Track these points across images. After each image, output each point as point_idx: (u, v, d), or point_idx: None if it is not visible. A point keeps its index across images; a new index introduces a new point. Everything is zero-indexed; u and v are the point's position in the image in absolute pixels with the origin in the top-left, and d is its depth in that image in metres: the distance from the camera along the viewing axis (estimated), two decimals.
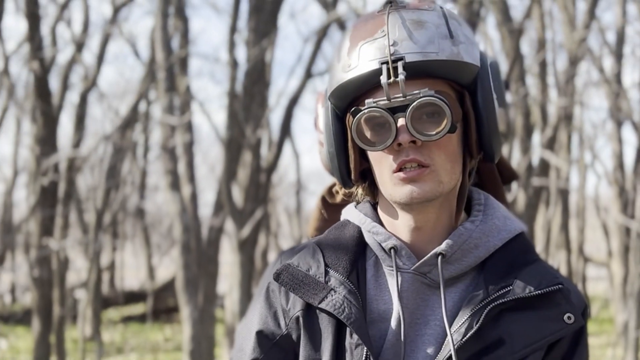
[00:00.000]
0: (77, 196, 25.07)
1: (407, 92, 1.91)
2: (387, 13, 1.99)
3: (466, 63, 1.99)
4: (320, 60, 25.96)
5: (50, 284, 18.91)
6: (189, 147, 14.44)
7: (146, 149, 32.70)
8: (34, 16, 18.95)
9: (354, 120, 1.97)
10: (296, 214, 32.78)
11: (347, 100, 2.06)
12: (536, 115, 24.98)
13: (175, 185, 14.03)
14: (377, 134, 1.98)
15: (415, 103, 1.91)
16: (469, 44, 2.02)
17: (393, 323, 2.02)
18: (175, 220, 13.98)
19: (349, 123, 2.02)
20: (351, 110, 2.00)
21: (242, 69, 16.60)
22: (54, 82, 21.46)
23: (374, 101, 1.94)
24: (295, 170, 31.84)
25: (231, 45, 16.03)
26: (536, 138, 24.59)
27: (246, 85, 16.51)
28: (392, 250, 2.02)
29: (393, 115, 1.93)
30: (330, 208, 2.43)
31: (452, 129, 1.93)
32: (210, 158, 39.15)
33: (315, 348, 2.04)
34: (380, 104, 1.94)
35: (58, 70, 22.65)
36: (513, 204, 25.38)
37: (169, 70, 14.08)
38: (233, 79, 15.57)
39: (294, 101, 18.22)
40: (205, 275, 17.02)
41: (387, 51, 1.93)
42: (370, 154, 2.05)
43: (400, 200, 1.98)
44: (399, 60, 1.92)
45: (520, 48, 22.68)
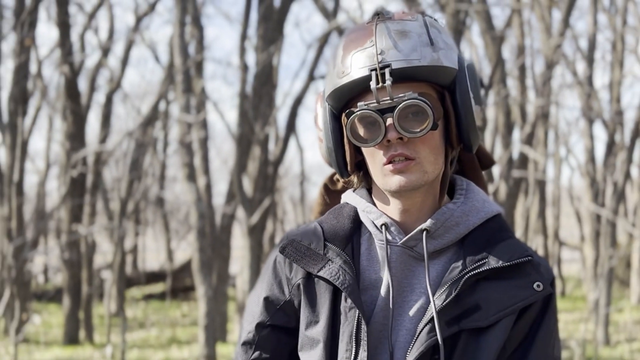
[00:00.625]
0: (103, 186, 25.01)
1: (394, 95, 1.99)
2: (375, 24, 2.07)
3: (445, 67, 2.06)
4: (322, 64, 25.85)
5: (79, 266, 18.90)
6: (204, 143, 14.39)
7: (165, 144, 32.63)
8: (64, 24, 18.93)
9: (348, 120, 2.05)
10: (300, 202, 32.73)
11: (342, 101, 2.12)
12: (516, 113, 24.95)
13: (191, 177, 13.99)
14: (369, 132, 2.05)
15: (401, 105, 1.98)
16: (447, 49, 2.09)
17: (383, 290, 2.10)
18: (192, 208, 13.95)
19: (344, 122, 2.10)
20: (345, 112, 2.08)
21: (252, 72, 16.58)
22: (83, 84, 21.46)
23: (365, 104, 2.02)
24: (299, 163, 31.75)
25: (242, 50, 16.00)
26: (516, 134, 24.60)
27: (255, 87, 16.48)
28: (383, 227, 2.11)
29: (382, 116, 2.01)
30: (332, 194, 2.49)
31: (434, 126, 2.01)
32: (223, 152, 39.12)
33: (314, 311, 2.14)
34: (370, 106, 2.01)
35: (86, 73, 22.63)
36: (495, 193, 25.33)
37: (186, 73, 14.04)
38: (243, 81, 15.54)
39: (298, 101, 18.22)
40: (219, 257, 17.01)
41: (376, 59, 2.00)
42: (363, 149, 2.12)
43: (391, 189, 2.06)
44: (386, 67, 1.99)
45: (501, 53, 22.62)
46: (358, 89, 2.07)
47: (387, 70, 1.99)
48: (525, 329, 2.09)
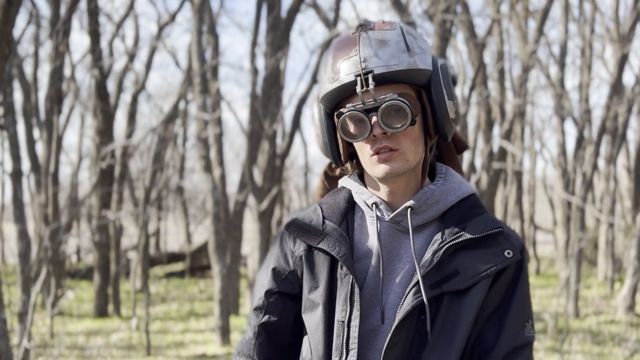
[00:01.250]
0: (129, 177, 24.99)
1: (377, 97, 2.14)
2: (359, 35, 2.19)
3: (421, 69, 2.18)
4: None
5: (108, 247, 18.90)
6: (219, 138, 14.38)
7: (184, 139, 32.63)
8: (94, 33, 18.90)
9: (339, 120, 2.19)
10: (304, 191, 32.67)
11: (334, 103, 2.25)
12: (496, 112, 24.84)
13: (207, 168, 13.98)
14: (358, 128, 2.18)
15: (383, 105, 2.12)
16: (422, 53, 2.21)
17: (374, 259, 2.24)
18: (208, 196, 13.94)
19: (336, 121, 2.22)
20: (336, 113, 2.22)
21: (261, 75, 16.56)
22: (111, 86, 21.44)
23: (353, 105, 2.16)
24: (303, 156, 31.78)
25: (252, 56, 15.97)
26: (496, 130, 24.51)
27: (264, 88, 16.45)
28: (374, 205, 2.26)
29: (368, 115, 2.15)
30: (330, 180, 2.65)
31: (412, 122, 2.15)
32: (235, 146, 39.09)
33: (314, 278, 2.28)
34: (357, 107, 2.15)
35: (114, 76, 22.59)
36: (478, 183, 25.27)
37: (202, 76, 14.02)
38: (254, 83, 15.51)
39: (302, 101, 18.18)
40: (232, 239, 16.99)
41: (360, 67, 2.13)
42: (354, 142, 2.24)
43: (378, 176, 2.21)
44: (369, 72, 2.12)
45: (483, 58, 22.54)
46: (347, 92, 2.19)
47: (370, 76, 2.12)
48: (503, 292, 2.21)
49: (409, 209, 2.21)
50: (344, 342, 2.19)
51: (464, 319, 2.14)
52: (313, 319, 2.28)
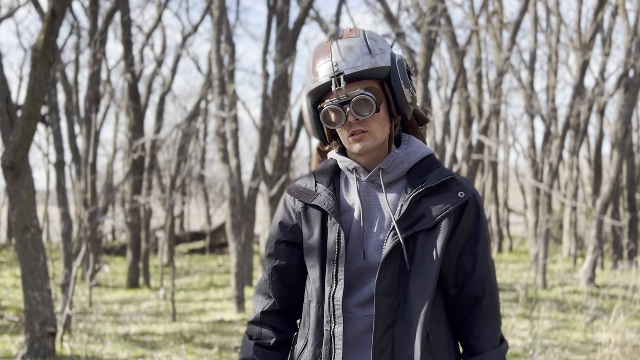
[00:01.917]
0: (157, 166, 25.00)
1: (348, 92, 2.40)
2: (331, 43, 2.45)
3: (381, 67, 2.43)
4: None
5: (138, 227, 18.89)
6: (235, 133, 14.35)
7: (205, 134, 32.58)
8: (127, 42, 18.86)
9: (321, 112, 2.46)
10: None
11: (317, 97, 2.51)
12: (474, 110, 24.81)
13: (225, 159, 13.95)
14: (336, 117, 2.44)
15: (354, 99, 2.39)
16: (382, 53, 2.46)
17: (356, 212, 2.49)
18: (225, 183, 13.92)
19: (320, 112, 2.48)
20: (318, 108, 2.51)
21: (271, 78, 16.52)
22: (142, 88, 21.41)
23: (330, 100, 2.44)
24: (308, 148, 31.63)
25: (264, 62, 15.93)
26: (474, 126, 24.50)
27: (274, 90, 16.42)
28: (354, 169, 2.53)
29: (342, 107, 2.42)
30: (322, 153, 2.79)
31: (377, 109, 2.41)
32: (249, 140, 39.06)
33: (310, 228, 2.53)
34: (334, 101, 2.42)
35: (144, 79, 22.59)
36: (458, 171, 25.18)
37: (221, 80, 13.99)
38: (265, 86, 15.48)
39: None
40: (246, 221, 16.98)
41: (332, 70, 2.39)
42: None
43: (354, 152, 2.48)
44: (340, 74, 2.39)
45: (463, 64, 22.50)
46: (325, 89, 2.45)
47: (342, 77, 2.38)
48: (470, 225, 2.47)
49: (380, 170, 2.48)
50: (334, 275, 2.45)
51: (435, 251, 2.39)
52: (311, 260, 2.53)
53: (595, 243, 17.06)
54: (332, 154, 2.62)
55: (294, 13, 18.15)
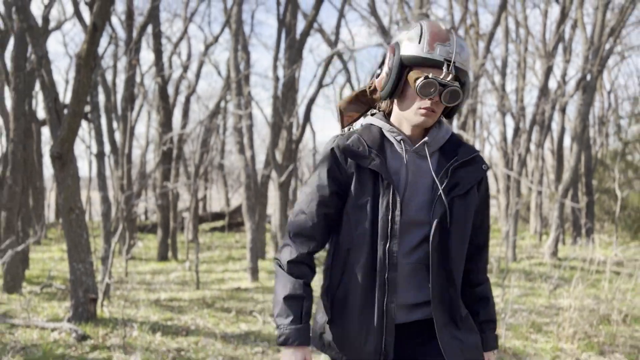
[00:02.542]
0: (184, 157, 24.99)
1: (450, 80, 2.38)
2: (450, 33, 2.42)
3: (468, 74, 2.47)
4: (327, 77, 25.72)
5: (167, 209, 18.89)
6: (250, 128, 14.33)
7: (224, 129, 32.58)
8: (158, 51, 18.84)
9: (423, 79, 2.38)
10: (313, 167, 32.64)
11: (413, 62, 2.42)
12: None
13: (241, 150, 13.94)
14: (429, 90, 2.38)
15: (451, 88, 2.38)
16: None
17: (403, 176, 2.50)
18: (242, 171, 13.91)
19: (412, 76, 2.42)
20: (424, 76, 2.39)
21: (281, 82, 16.49)
22: (170, 90, 21.37)
23: (433, 76, 2.38)
24: (312, 141, 31.59)
25: (275, 67, 15.90)
26: (455, 122, 24.43)
27: (283, 92, 16.40)
28: (402, 141, 2.52)
29: (440, 86, 2.38)
30: (344, 112, 2.70)
31: (461, 103, 2.47)
32: (262, 134, 38.84)
33: (362, 187, 2.48)
34: (439, 80, 2.36)
35: (172, 82, 22.54)
36: None
37: (238, 83, 13.96)
38: (275, 88, 15.45)
39: (312, 101, 18.13)
40: (259, 203, 16.98)
41: (453, 56, 2.39)
42: (409, 92, 2.48)
43: (414, 123, 2.49)
44: (453, 63, 2.39)
45: None
46: (429, 64, 2.39)
47: (452, 65, 2.39)
48: (483, 194, 2.61)
49: (426, 144, 2.50)
50: (389, 231, 2.45)
51: (468, 213, 2.51)
52: (360, 215, 2.48)
53: (558, 222, 17.07)
54: (375, 121, 2.59)
55: (300, 26, 18.14)
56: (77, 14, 13.87)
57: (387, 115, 2.61)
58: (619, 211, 23.17)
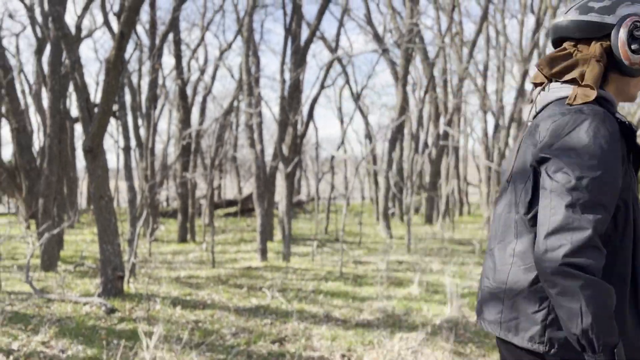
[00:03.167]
0: (201, 150, 24.95)
1: None
2: None
3: None
4: (328, 79, 25.68)
5: (186, 196, 18.89)
6: (259, 125, 14.30)
7: (237, 126, 32.58)
8: (178, 56, 18.80)
9: None
10: (315, 160, 32.48)
11: None
12: (441, 108, 24.71)
13: (252, 145, 13.93)
14: None
15: None
16: None
17: None
18: (252, 163, 13.90)
19: None
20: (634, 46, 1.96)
21: (287, 84, 16.45)
22: (189, 90, 21.34)
23: None
24: (315, 137, 31.58)
25: (282, 71, 15.86)
26: (442, 120, 24.39)
27: (289, 92, 16.36)
28: (627, 122, 1.92)
29: None
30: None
31: None
32: (270, 130, 38.73)
33: (626, 170, 1.91)
34: None
35: (191, 84, 22.51)
36: (429, 155, 25.16)
37: (249, 84, 13.94)
38: (282, 89, 15.41)
39: (315, 100, 18.09)
40: (268, 192, 16.96)
41: None
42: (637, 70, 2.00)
43: (634, 99, 2.06)
44: None
45: (433, 73, 22.41)
46: None
47: None
48: None
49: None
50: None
51: None
52: (625, 200, 1.91)
53: None
54: (605, 95, 2.02)
55: (305, 34, 18.04)
56: (107, 23, 13.86)
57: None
58: None
